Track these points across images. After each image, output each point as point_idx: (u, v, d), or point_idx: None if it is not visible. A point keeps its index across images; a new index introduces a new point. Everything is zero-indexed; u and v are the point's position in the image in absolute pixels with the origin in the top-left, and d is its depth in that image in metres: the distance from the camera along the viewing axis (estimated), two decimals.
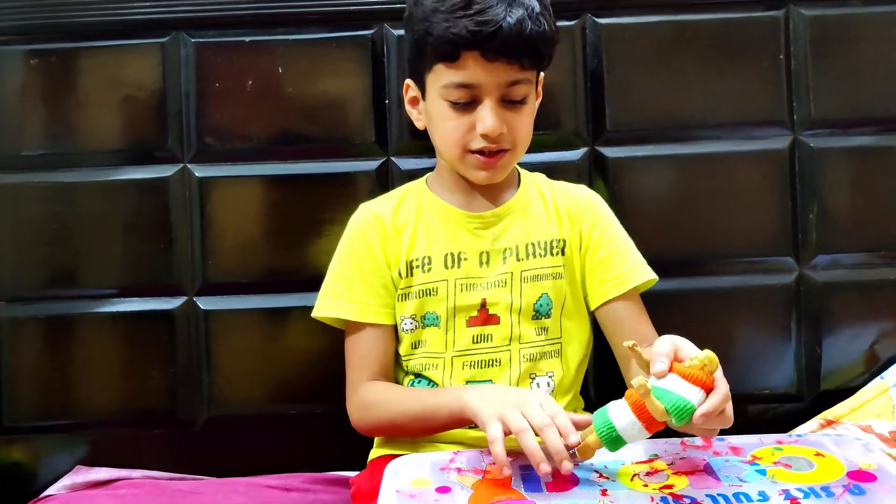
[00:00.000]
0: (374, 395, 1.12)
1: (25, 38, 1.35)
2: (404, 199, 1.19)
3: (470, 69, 1.04)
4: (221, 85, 1.35)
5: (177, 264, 1.35)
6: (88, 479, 1.32)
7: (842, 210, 1.37)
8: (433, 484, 0.89)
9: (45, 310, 1.35)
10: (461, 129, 1.08)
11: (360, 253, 1.15)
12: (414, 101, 1.16)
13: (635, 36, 1.35)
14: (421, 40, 1.07)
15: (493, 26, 1.01)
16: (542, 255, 1.15)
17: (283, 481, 1.30)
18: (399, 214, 1.17)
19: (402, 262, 1.14)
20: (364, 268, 1.15)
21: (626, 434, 0.86)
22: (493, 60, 1.04)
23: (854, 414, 1.29)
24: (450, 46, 1.03)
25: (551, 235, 1.16)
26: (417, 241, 1.14)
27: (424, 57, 1.08)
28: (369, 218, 1.17)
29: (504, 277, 1.13)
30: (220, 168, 1.35)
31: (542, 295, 1.14)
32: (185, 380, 1.35)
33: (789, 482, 0.86)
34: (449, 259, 1.13)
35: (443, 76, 1.06)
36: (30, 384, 1.36)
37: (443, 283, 1.13)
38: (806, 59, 1.36)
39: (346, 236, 1.19)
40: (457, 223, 1.15)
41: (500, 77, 1.05)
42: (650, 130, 1.37)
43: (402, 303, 1.14)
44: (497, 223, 1.15)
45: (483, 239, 1.15)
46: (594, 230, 1.17)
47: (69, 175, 1.35)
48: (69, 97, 1.36)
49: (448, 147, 1.11)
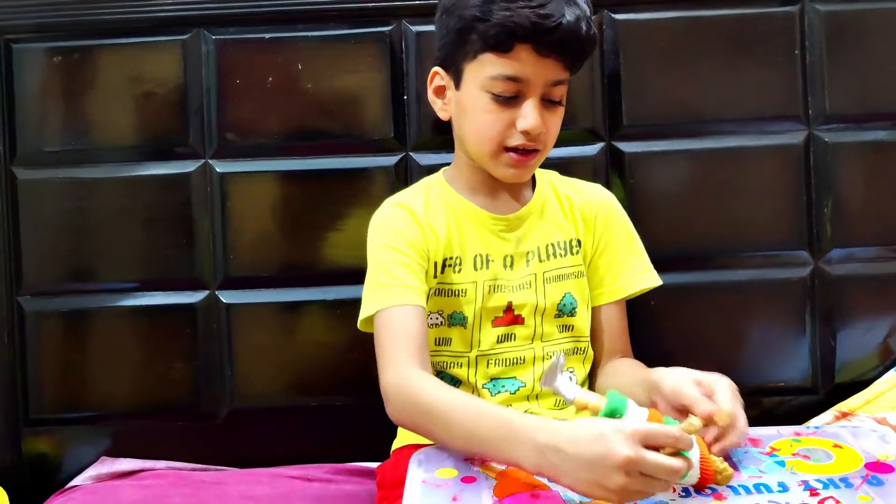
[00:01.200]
0: (436, 395, 0.95)
1: (48, 35, 1.37)
2: (429, 195, 1.16)
3: (521, 62, 1.03)
4: (242, 81, 1.36)
5: (199, 258, 1.37)
6: (113, 470, 1.34)
7: (856, 204, 1.38)
8: (458, 474, 0.91)
9: (69, 304, 1.37)
10: (501, 124, 1.06)
11: (396, 241, 1.10)
12: (439, 91, 1.13)
13: (652, 31, 1.36)
14: (468, 27, 1.04)
15: (554, 21, 1.01)
16: (561, 255, 1.16)
17: (305, 472, 1.32)
18: (429, 212, 1.13)
19: (437, 259, 1.11)
20: (403, 252, 1.09)
21: None
22: (544, 56, 1.03)
23: (868, 406, 1.30)
24: (505, 36, 1.02)
25: (568, 235, 1.17)
26: (452, 240, 1.13)
27: (468, 45, 1.05)
28: (399, 211, 1.13)
29: (528, 279, 1.14)
30: (241, 164, 1.37)
31: (565, 294, 1.15)
32: (207, 372, 1.37)
33: (808, 473, 0.88)
34: (478, 261, 1.13)
35: (489, 67, 1.04)
36: (55, 377, 1.38)
37: (472, 284, 1.12)
38: (821, 54, 1.36)
39: (378, 229, 1.13)
40: (483, 225, 1.14)
41: (548, 74, 1.05)
42: (666, 125, 1.37)
43: (431, 299, 1.12)
44: (520, 226, 1.15)
45: (508, 242, 1.14)
46: (605, 233, 1.19)
47: (92, 171, 1.37)
48: (91, 94, 1.38)
49: (482, 141, 1.08)
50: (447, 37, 1.09)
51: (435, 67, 1.13)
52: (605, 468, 0.78)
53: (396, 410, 1.00)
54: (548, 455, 0.82)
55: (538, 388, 1.12)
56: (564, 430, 0.83)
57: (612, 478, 0.78)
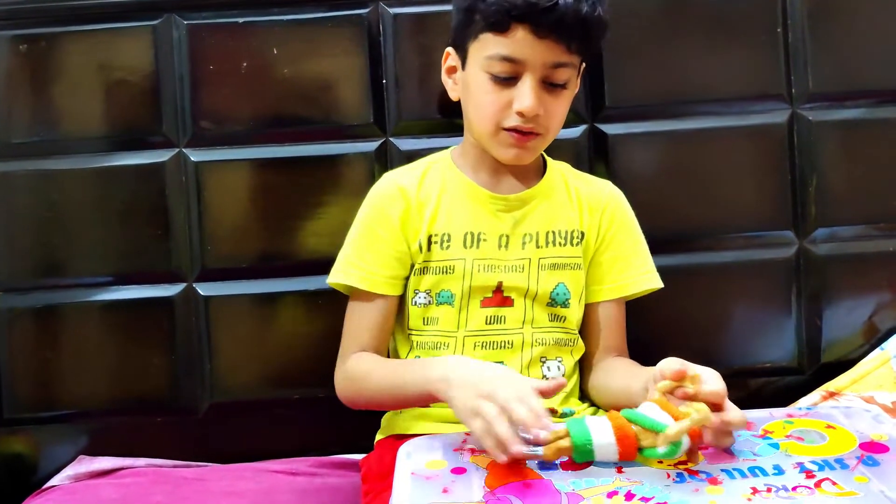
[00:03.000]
0: (360, 367, 1.11)
1: (14, 23, 1.32)
2: (428, 171, 1.17)
3: (517, 42, 1.03)
4: (216, 67, 1.33)
5: (175, 250, 1.34)
6: (91, 469, 1.31)
7: (840, 183, 1.37)
8: (448, 465, 0.89)
9: (42, 299, 1.34)
10: (497, 105, 1.06)
11: (377, 223, 1.14)
12: (451, 71, 1.14)
13: (633, 12, 1.34)
14: (472, 6, 1.05)
15: (550, 1, 1.00)
16: (562, 243, 1.15)
17: (290, 466, 1.30)
18: (423, 188, 1.15)
19: (422, 236, 1.13)
20: (379, 237, 1.13)
21: (600, 453, 0.86)
22: (542, 37, 1.02)
23: (856, 385, 1.30)
24: (501, 15, 1.01)
25: (572, 225, 1.16)
26: (439, 216, 1.13)
27: (472, 24, 1.06)
28: (393, 190, 1.15)
29: (522, 263, 1.13)
30: (217, 152, 1.34)
31: (558, 284, 1.14)
32: (186, 366, 1.34)
33: (803, 455, 0.87)
34: (468, 238, 1.13)
35: (488, 46, 1.04)
36: (29, 375, 1.35)
37: (460, 261, 1.12)
38: (803, 32, 1.35)
39: (366, 205, 1.17)
40: (479, 203, 1.14)
41: (546, 56, 1.03)
42: (649, 107, 1.36)
43: (417, 276, 1.13)
44: (520, 207, 1.14)
45: (503, 222, 1.13)
46: (610, 229, 1.17)
47: (62, 162, 1.33)
48: (60, 83, 1.33)
49: (481, 120, 1.09)
50: (455, 17, 1.10)
51: (448, 48, 1.14)
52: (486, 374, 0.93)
53: (341, 393, 1.13)
54: (450, 371, 0.95)
55: (524, 374, 1.10)
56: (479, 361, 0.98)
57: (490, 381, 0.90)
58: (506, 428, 0.85)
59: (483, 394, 0.89)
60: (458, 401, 0.92)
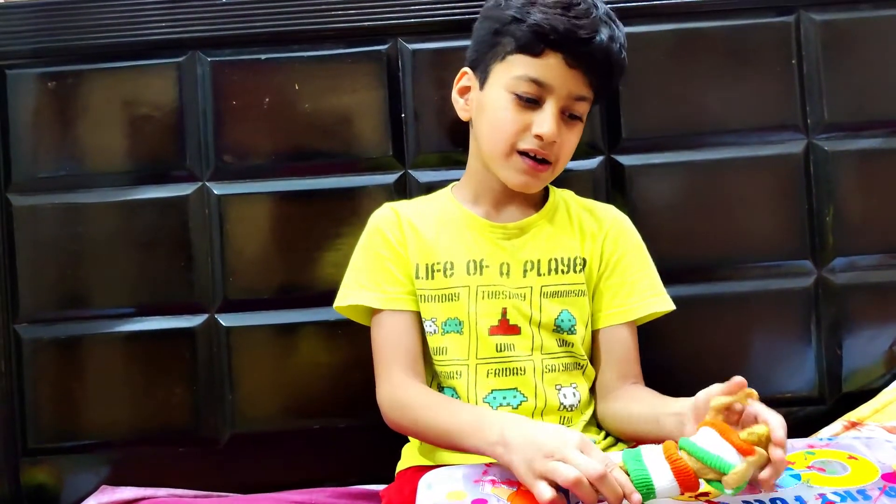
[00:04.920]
0: (411, 397, 1.08)
1: (42, 61, 1.36)
2: (426, 202, 1.22)
3: (549, 67, 1.06)
4: (238, 102, 1.36)
5: (197, 282, 1.35)
6: (114, 500, 1.32)
7: (858, 212, 1.37)
8: (468, 497, 0.89)
9: (66, 330, 1.36)
10: (516, 125, 1.08)
11: (379, 245, 1.16)
12: (464, 91, 1.17)
13: (648, 44, 1.36)
14: (504, 28, 1.08)
15: (587, 34, 1.04)
16: (564, 271, 1.15)
17: (309, 496, 1.30)
18: (419, 215, 1.18)
19: (420, 263, 1.14)
20: (384, 257, 1.15)
21: (661, 493, 0.83)
22: (572, 67, 1.06)
23: (878, 415, 1.29)
24: (538, 38, 1.05)
25: (574, 252, 1.16)
26: (439, 244, 1.15)
27: (499, 46, 1.09)
28: (388, 214, 1.19)
29: (523, 291, 1.13)
30: (239, 185, 1.36)
31: (562, 311, 1.14)
32: (207, 397, 1.35)
33: (825, 486, 0.87)
34: (471, 266, 1.14)
35: (517, 67, 1.07)
36: (53, 405, 1.36)
37: (464, 288, 1.13)
38: (818, 63, 1.37)
39: (365, 232, 1.20)
40: (478, 231, 1.16)
41: (572, 86, 1.07)
42: (665, 138, 1.37)
43: (423, 304, 1.14)
44: (519, 235, 1.16)
45: (503, 250, 1.15)
46: (614, 254, 1.17)
47: (88, 196, 1.36)
48: (86, 119, 1.37)
49: (496, 140, 1.10)
50: (481, 38, 1.13)
51: (464, 68, 1.16)
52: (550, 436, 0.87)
53: (390, 416, 1.10)
54: (507, 434, 0.91)
55: (541, 403, 1.11)
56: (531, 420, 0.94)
57: (552, 442, 0.86)
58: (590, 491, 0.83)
59: (550, 451, 0.86)
60: (520, 465, 0.88)
